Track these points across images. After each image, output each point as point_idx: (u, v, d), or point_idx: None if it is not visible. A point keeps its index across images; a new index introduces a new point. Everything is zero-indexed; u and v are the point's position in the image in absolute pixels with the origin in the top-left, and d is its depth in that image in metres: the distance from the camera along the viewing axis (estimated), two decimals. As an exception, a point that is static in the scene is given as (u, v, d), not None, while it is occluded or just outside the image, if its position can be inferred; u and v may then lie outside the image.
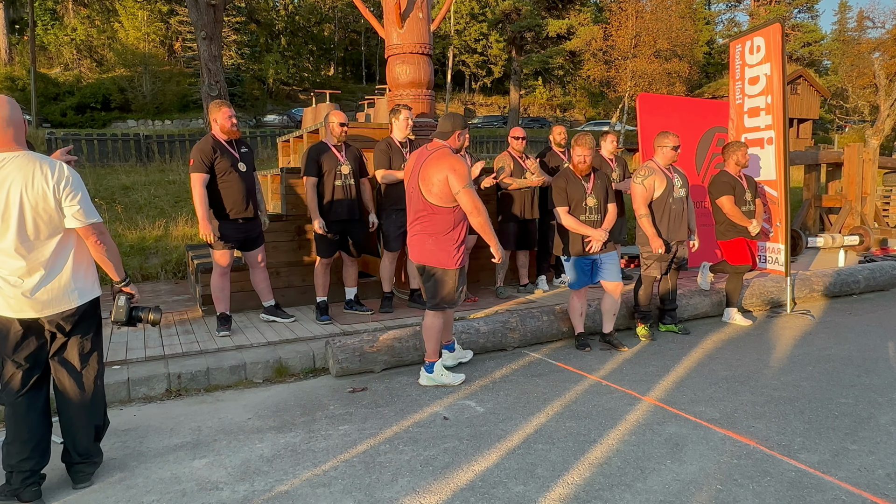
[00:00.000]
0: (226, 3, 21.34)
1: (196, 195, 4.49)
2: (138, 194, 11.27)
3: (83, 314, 2.71)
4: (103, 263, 2.74)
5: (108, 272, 2.79)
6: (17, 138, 2.50)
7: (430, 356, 4.01)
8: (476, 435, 3.23)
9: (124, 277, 2.85)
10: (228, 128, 4.62)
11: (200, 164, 4.49)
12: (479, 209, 3.71)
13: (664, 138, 4.93)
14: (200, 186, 4.49)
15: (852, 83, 32.13)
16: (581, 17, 34.71)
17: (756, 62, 6.04)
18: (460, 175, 3.65)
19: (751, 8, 47.94)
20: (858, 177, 10.58)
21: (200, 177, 4.49)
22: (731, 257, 5.44)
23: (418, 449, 3.07)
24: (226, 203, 4.62)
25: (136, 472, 2.89)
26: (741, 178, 5.42)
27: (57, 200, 2.52)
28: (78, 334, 2.73)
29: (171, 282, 7.74)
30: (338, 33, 44.27)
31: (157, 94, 31.98)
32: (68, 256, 2.63)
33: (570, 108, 43.87)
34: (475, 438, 3.18)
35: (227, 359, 4.29)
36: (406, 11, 5.83)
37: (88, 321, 2.76)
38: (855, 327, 5.42)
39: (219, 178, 4.58)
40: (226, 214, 4.64)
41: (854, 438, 3.12)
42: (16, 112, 2.51)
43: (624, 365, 4.41)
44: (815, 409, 3.54)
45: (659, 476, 2.77)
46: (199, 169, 4.49)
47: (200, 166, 4.49)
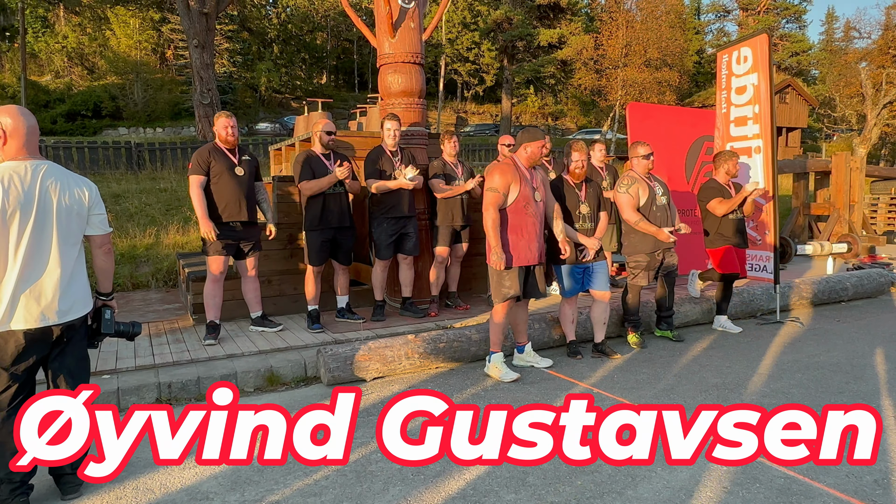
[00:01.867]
0: (218, 11, 21.33)
1: (193, 196, 4.69)
2: (129, 202, 11.22)
3: (84, 320, 2.78)
4: (103, 273, 2.82)
5: (102, 282, 2.85)
6: (33, 145, 2.61)
7: (491, 346, 4.42)
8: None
9: (112, 291, 2.92)
10: (224, 137, 4.79)
11: (197, 167, 4.72)
12: (486, 211, 4.17)
13: (635, 148, 5.06)
14: (197, 188, 4.69)
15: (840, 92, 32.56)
16: (572, 26, 34.99)
17: (743, 72, 6.11)
18: (487, 181, 4.23)
19: (739, 18, 48.54)
20: (846, 185, 10.70)
21: (197, 178, 4.70)
22: (719, 265, 5.49)
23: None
24: (218, 204, 4.75)
25: (126, 483, 2.87)
26: (730, 187, 5.48)
27: (89, 207, 2.70)
28: (77, 340, 2.78)
29: (162, 290, 7.71)
30: (330, 42, 44.37)
31: (148, 101, 31.90)
32: (82, 263, 2.75)
33: (562, 117, 44.11)
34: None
35: (217, 368, 4.27)
36: (398, 21, 5.86)
37: (85, 328, 2.82)
38: (843, 334, 5.47)
39: (212, 179, 4.74)
40: (218, 216, 4.73)
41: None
42: (33, 121, 2.63)
43: (615, 372, 4.43)
44: (804, 415, 3.56)
45: (649, 483, 2.78)
46: (196, 171, 4.72)
47: (197, 169, 4.72)
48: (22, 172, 2.52)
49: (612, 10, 31.13)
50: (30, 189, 2.51)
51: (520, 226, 4.21)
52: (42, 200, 2.54)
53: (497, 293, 4.30)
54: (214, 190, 4.73)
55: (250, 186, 4.88)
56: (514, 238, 4.21)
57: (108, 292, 2.89)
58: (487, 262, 4.34)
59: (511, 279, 4.22)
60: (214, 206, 4.73)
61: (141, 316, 6.03)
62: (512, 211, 4.20)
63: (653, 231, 4.92)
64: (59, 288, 2.59)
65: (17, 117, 2.54)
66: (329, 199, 5.06)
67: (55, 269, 2.59)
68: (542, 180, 4.45)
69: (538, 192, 4.32)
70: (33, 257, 2.53)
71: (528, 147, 4.24)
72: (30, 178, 2.52)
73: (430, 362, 4.51)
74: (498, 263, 4.14)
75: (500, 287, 4.26)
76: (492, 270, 4.32)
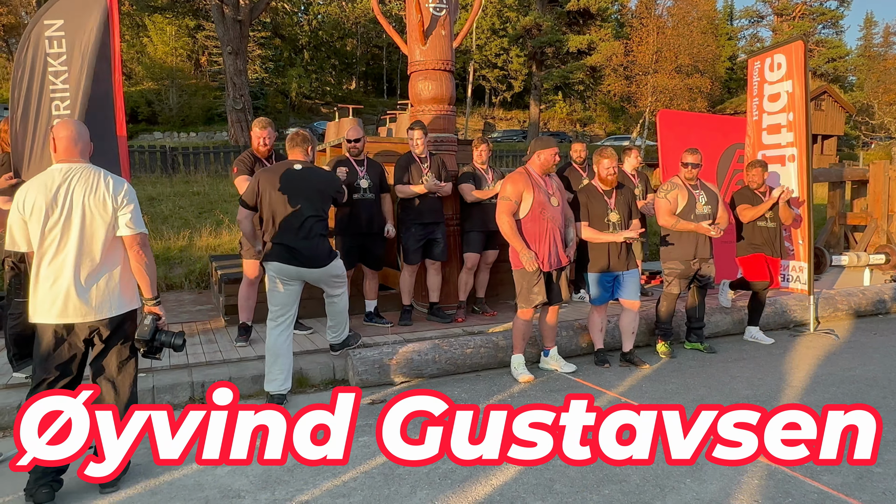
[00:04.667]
0: (252, 18, 21.77)
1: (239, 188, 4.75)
2: (163, 205, 11.51)
3: (122, 322, 2.85)
4: (140, 275, 2.87)
5: (141, 286, 2.90)
6: (82, 153, 2.82)
7: (513, 349, 4.54)
8: (494, 449, 3.23)
9: (156, 296, 2.92)
10: (257, 146, 4.85)
11: (242, 168, 4.79)
12: (499, 219, 4.28)
13: (685, 155, 4.98)
14: (245, 184, 4.72)
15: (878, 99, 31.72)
16: (602, 32, 34.78)
17: (776, 79, 6.02)
18: (501, 190, 4.36)
19: (774, 24, 47.65)
20: (885, 194, 10.41)
21: (244, 177, 4.72)
22: (749, 273, 5.42)
23: (437, 462, 3.09)
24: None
25: (161, 479, 2.95)
26: (765, 195, 5.42)
27: (114, 209, 2.76)
28: (117, 342, 2.86)
29: (195, 292, 7.88)
30: (360, 48, 44.84)
31: (183, 106, 32.64)
32: (118, 264, 2.83)
33: (590, 123, 43.82)
34: (493, 453, 3.19)
35: (248, 369, 4.35)
36: (429, 29, 5.92)
37: (127, 330, 2.88)
38: (881, 348, 5.33)
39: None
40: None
41: (879, 461, 3.07)
42: (83, 132, 2.84)
43: (643, 382, 4.39)
44: (839, 430, 3.48)
45: (678, 495, 2.75)
46: (242, 172, 4.77)
47: (242, 170, 4.78)
48: (56, 175, 2.73)
49: (643, 15, 30.90)
50: (57, 190, 2.69)
51: (540, 233, 4.27)
52: (67, 201, 2.70)
53: (525, 300, 4.32)
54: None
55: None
56: (535, 246, 4.27)
57: (149, 297, 2.91)
58: (513, 269, 4.37)
59: (539, 286, 4.26)
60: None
61: (174, 316, 6.18)
62: (530, 220, 4.25)
63: (692, 227, 4.85)
64: (85, 286, 2.70)
65: (58, 128, 2.81)
66: (358, 205, 5.13)
67: (74, 267, 2.69)
68: (559, 186, 4.49)
69: (554, 196, 4.36)
70: (58, 255, 2.69)
71: (540, 155, 4.33)
72: (59, 181, 2.71)
73: (457, 367, 4.53)
74: (530, 263, 4.18)
75: (528, 294, 4.29)
76: (518, 277, 4.34)
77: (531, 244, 4.26)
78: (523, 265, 4.25)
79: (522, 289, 4.33)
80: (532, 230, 4.27)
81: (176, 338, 2.90)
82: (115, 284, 2.80)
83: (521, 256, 4.23)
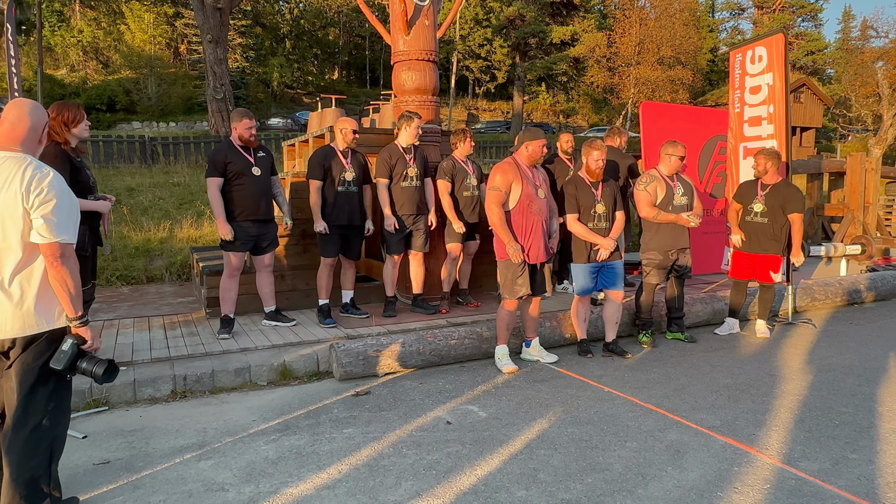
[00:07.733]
0: (232, 6, 21.43)
1: (211, 198, 4.75)
2: (143, 196, 11.34)
3: (32, 343, 2.32)
4: (57, 292, 2.32)
5: (62, 304, 2.35)
6: (25, 140, 2.31)
7: (497, 340, 4.56)
8: (479, 440, 3.26)
9: (81, 316, 2.37)
10: (246, 138, 4.82)
11: (213, 170, 4.75)
12: (489, 209, 4.29)
13: (671, 147, 4.99)
14: (214, 189, 4.74)
15: (855, 92, 32.20)
16: (585, 23, 34.83)
17: (757, 72, 6.08)
18: (489, 180, 4.36)
19: (754, 16, 48.09)
20: (861, 186, 10.60)
21: (214, 181, 4.74)
22: (731, 270, 5.50)
23: (422, 453, 3.10)
24: (236, 206, 4.78)
25: (143, 473, 2.92)
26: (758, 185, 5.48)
27: (25, 209, 2.21)
28: (20, 366, 2.31)
29: (176, 284, 7.79)
30: (342, 38, 44.43)
31: (162, 96, 32.13)
32: (35, 275, 2.30)
33: (574, 115, 43.94)
34: (478, 443, 3.21)
35: (231, 361, 4.32)
36: (412, 19, 5.88)
37: (41, 353, 2.34)
38: (856, 337, 5.44)
39: (231, 181, 4.77)
40: (234, 217, 4.78)
41: (854, 447, 3.15)
42: (34, 115, 2.35)
43: (626, 372, 4.44)
44: (816, 417, 3.56)
45: (660, 482, 2.79)
46: (213, 174, 4.75)
47: (213, 171, 4.75)
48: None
49: (626, 7, 31.00)
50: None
51: (527, 226, 4.30)
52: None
53: (509, 291, 4.34)
54: (233, 192, 4.76)
55: (267, 184, 4.93)
56: (522, 239, 4.30)
57: (74, 316, 2.35)
58: (497, 260, 4.38)
59: (524, 278, 4.28)
60: (233, 207, 4.77)
61: (155, 309, 6.11)
62: (517, 212, 4.28)
63: (672, 219, 4.91)
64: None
65: (7, 107, 2.34)
66: (340, 197, 5.11)
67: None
68: (544, 178, 4.52)
69: (541, 189, 4.39)
70: None
71: (529, 146, 4.34)
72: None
73: (441, 359, 4.54)
74: (515, 255, 4.20)
75: (512, 285, 4.31)
76: (503, 268, 4.36)
77: (518, 237, 4.28)
78: (509, 256, 4.26)
79: (507, 280, 4.34)
80: (519, 223, 4.29)
81: (98, 366, 2.38)
82: (31, 301, 2.28)
83: (507, 248, 4.24)
